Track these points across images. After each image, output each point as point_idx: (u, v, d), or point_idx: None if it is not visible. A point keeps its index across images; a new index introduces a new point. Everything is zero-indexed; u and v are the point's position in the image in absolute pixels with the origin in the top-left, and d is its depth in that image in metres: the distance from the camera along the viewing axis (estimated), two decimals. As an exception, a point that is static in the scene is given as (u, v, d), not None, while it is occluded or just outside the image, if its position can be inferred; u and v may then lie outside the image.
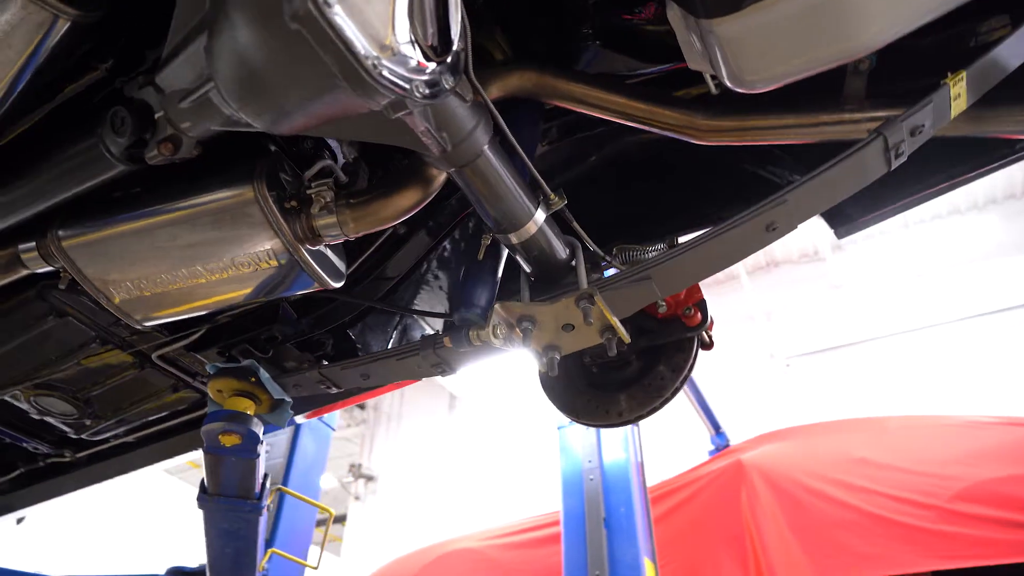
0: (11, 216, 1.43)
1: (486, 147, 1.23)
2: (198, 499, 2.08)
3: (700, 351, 1.70)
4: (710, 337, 1.69)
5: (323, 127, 1.11)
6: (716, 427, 8.12)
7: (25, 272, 1.55)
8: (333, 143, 1.50)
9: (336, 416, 4.29)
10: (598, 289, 1.40)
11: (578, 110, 1.68)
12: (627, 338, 1.48)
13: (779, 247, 10.91)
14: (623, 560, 3.40)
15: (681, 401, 8.00)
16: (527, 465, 10.01)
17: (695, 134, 1.62)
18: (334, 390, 1.80)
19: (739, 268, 10.65)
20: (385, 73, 0.95)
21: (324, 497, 15.96)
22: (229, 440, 1.78)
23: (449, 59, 1.11)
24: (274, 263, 1.45)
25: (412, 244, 1.81)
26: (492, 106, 1.28)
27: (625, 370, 1.73)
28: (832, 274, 10.56)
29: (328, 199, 1.38)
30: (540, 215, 1.38)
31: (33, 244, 1.49)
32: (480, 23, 1.60)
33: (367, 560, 9.61)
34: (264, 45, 0.92)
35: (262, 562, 2.52)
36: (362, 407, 14.91)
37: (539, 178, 1.38)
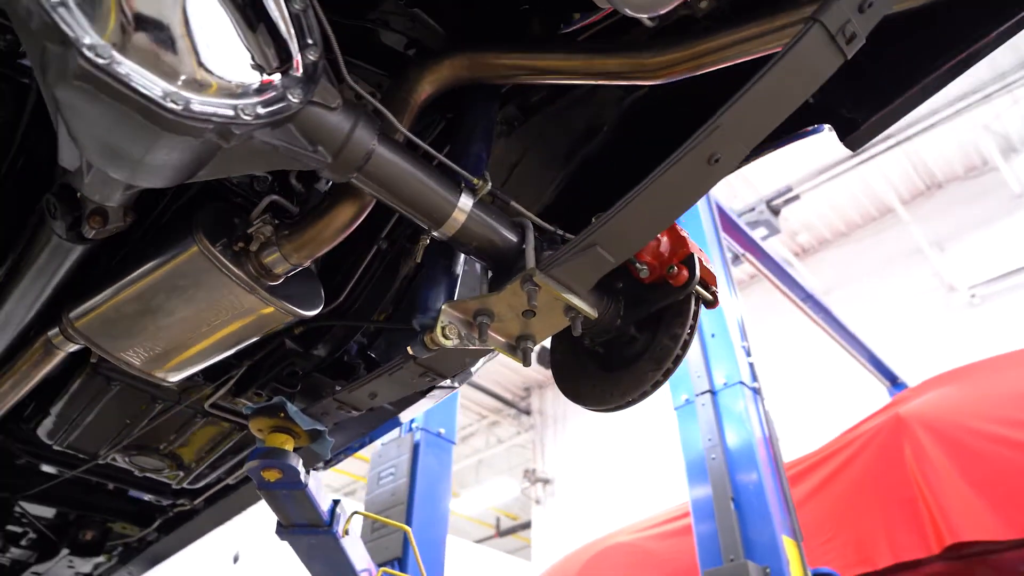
0: (27, 312, 1.60)
1: (375, 147, 1.19)
2: (276, 532, 2.20)
3: (704, 309, 1.52)
4: (712, 293, 1.51)
5: (197, 170, 1.13)
6: (892, 379, 7.33)
7: (62, 354, 1.73)
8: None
9: (455, 432, 4.38)
10: (541, 269, 1.30)
11: (522, 82, 1.59)
12: (592, 313, 1.36)
13: (937, 165, 9.63)
14: (758, 541, 3.13)
15: (847, 360, 7.27)
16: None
17: (646, 75, 1.48)
18: (354, 413, 1.82)
19: (891, 199, 9.54)
20: (195, 107, 0.94)
21: (511, 505, 16.43)
22: (271, 475, 1.87)
23: (295, 73, 1.09)
24: (246, 305, 1.50)
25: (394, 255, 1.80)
26: (377, 103, 1.24)
27: (632, 346, 1.59)
28: (1011, 182, 9.12)
29: (267, 234, 1.41)
30: (466, 202, 1.30)
31: (57, 329, 1.67)
32: (411, 18, 1.57)
33: (555, 561, 9.73)
34: (81, 109, 0.96)
35: None
36: (528, 413, 15.19)
37: (452, 165, 1.31)
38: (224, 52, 0.98)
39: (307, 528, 2.16)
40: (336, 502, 2.26)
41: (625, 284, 1.58)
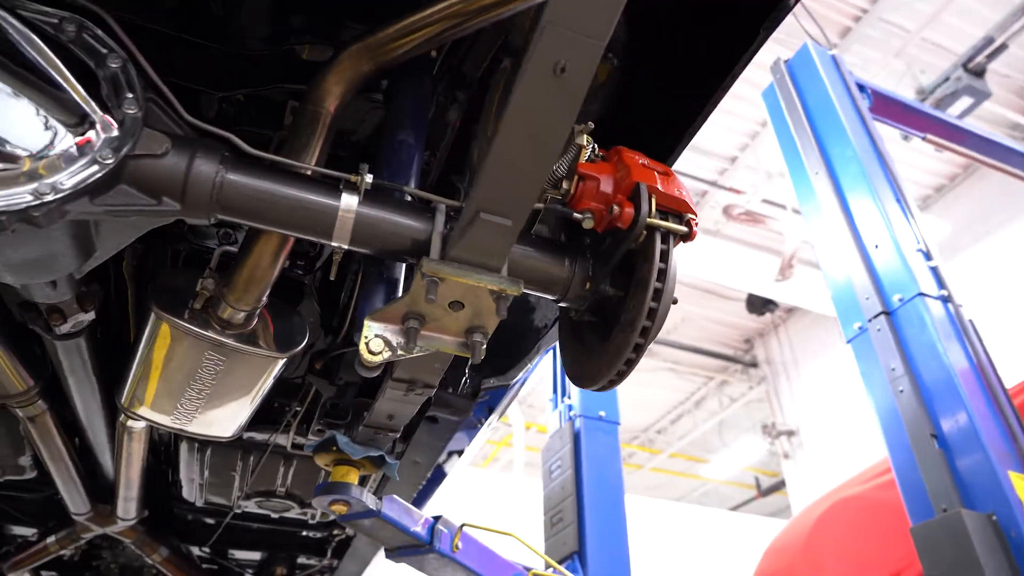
0: (98, 406, 1.80)
1: (223, 177, 1.12)
2: (386, 556, 2.24)
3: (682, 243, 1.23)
4: (687, 222, 1.21)
5: (79, 256, 1.15)
6: None
7: (141, 431, 1.92)
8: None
9: (617, 411, 4.16)
10: (436, 257, 1.13)
11: (426, 49, 1.42)
12: (516, 290, 1.16)
13: None
14: (976, 483, 2.53)
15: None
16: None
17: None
18: (393, 435, 1.78)
19: None
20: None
21: (768, 462, 15.47)
22: (339, 509, 1.88)
23: (107, 133, 1.06)
24: (227, 358, 1.53)
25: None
26: (213, 128, 1.17)
27: (623, 307, 1.34)
28: None
29: (211, 288, 1.41)
30: (349, 201, 1.18)
31: (123, 415, 1.85)
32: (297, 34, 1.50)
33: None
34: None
35: None
36: (755, 365, 14.23)
37: (320, 170, 1.20)
38: (7, 137, 0.97)
39: (410, 549, 2.16)
40: (437, 518, 2.23)
41: (591, 240, 1.34)
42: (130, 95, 1.10)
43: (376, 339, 1.23)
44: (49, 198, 0.99)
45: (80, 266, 1.20)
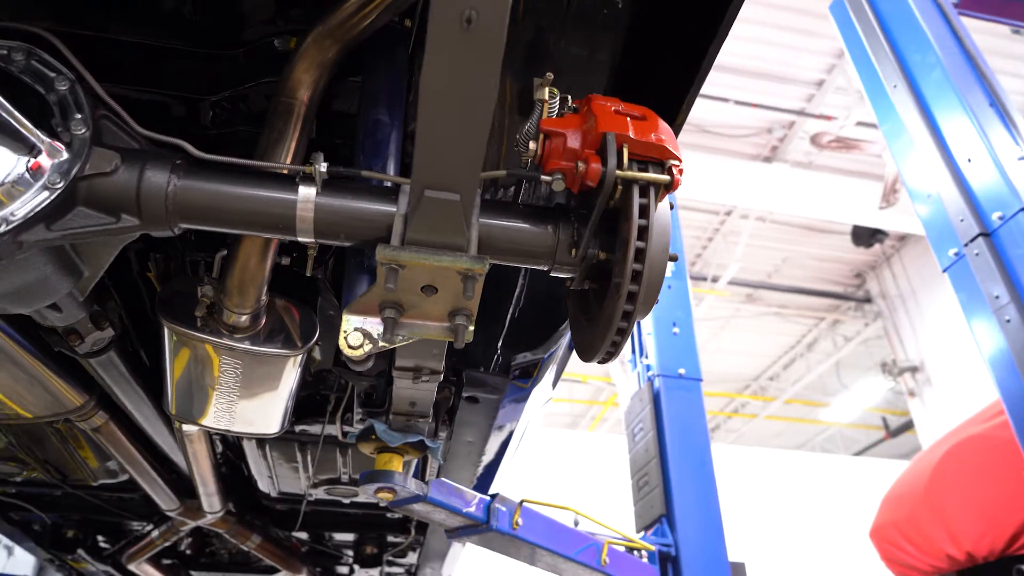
0: (155, 414, 1.90)
1: (174, 185, 1.10)
2: (447, 536, 2.24)
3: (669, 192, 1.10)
4: (669, 169, 1.07)
5: (62, 283, 1.17)
6: None
7: (199, 435, 2.02)
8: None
9: (698, 367, 3.97)
10: (383, 245, 1.07)
11: (388, 18, 1.35)
12: (481, 268, 1.08)
13: None
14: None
15: None
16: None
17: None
18: (423, 421, 1.75)
19: None
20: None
21: (895, 402, 14.56)
22: (386, 496, 1.89)
23: (54, 159, 1.06)
24: (241, 359, 1.55)
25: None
26: (165, 137, 1.15)
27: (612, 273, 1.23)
28: None
29: (209, 295, 1.42)
30: (307, 193, 1.13)
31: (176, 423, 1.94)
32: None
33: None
34: None
35: (602, 556, 2.54)
36: (868, 300, 13.32)
37: (266, 165, 1.15)
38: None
39: (468, 529, 2.15)
40: (494, 496, 2.21)
41: (577, 201, 1.23)
42: (78, 115, 1.10)
43: (355, 332, 1.19)
44: (2, 229, 1.00)
45: (73, 287, 1.23)
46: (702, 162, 9.23)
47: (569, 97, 1.18)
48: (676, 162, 1.09)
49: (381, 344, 1.19)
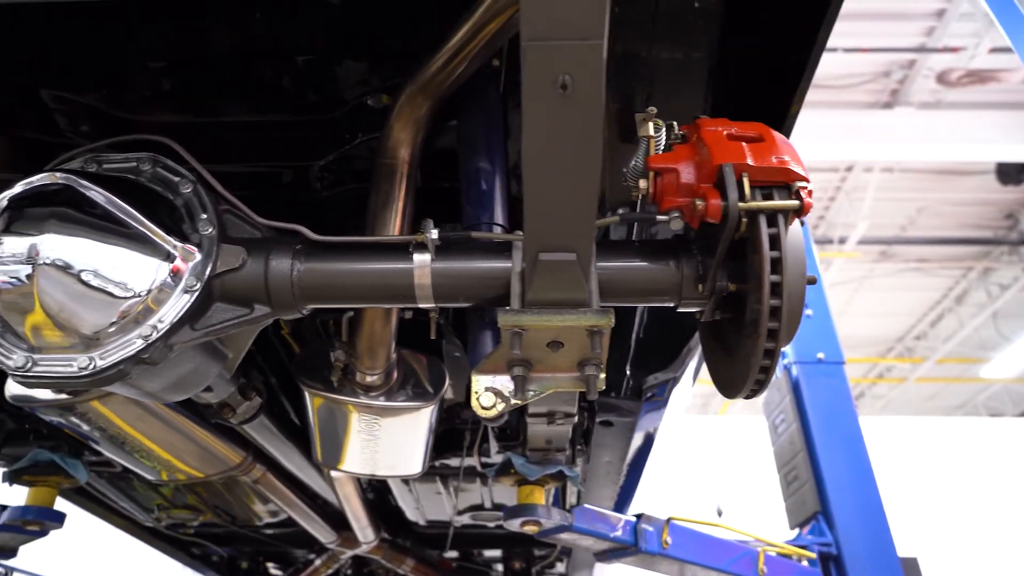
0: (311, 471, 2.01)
1: (299, 269, 1.14)
2: (596, 559, 2.22)
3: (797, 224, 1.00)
4: (796, 192, 0.99)
5: (214, 368, 1.25)
6: None
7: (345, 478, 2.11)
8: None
9: (839, 348, 3.69)
10: (504, 310, 1.05)
11: (477, 65, 1.33)
12: (606, 322, 1.04)
13: None
14: None
15: None
16: None
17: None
18: (561, 454, 1.74)
19: None
20: (100, 363, 1.05)
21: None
22: (532, 529, 1.89)
23: (188, 263, 1.13)
24: (380, 416, 1.60)
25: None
26: (283, 224, 1.19)
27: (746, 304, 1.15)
28: None
29: (342, 359, 1.47)
30: (422, 260, 1.14)
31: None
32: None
33: None
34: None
35: (759, 565, 2.45)
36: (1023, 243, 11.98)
37: (383, 239, 1.17)
38: (102, 302, 1.07)
39: (617, 552, 2.12)
40: (639, 516, 2.17)
41: (695, 233, 1.16)
42: (203, 216, 1.16)
43: (487, 393, 1.18)
44: (154, 337, 1.07)
45: (221, 370, 1.31)
46: (814, 119, 8.64)
47: (675, 124, 1.12)
48: (804, 183, 1.00)
49: (514, 402, 1.18)
